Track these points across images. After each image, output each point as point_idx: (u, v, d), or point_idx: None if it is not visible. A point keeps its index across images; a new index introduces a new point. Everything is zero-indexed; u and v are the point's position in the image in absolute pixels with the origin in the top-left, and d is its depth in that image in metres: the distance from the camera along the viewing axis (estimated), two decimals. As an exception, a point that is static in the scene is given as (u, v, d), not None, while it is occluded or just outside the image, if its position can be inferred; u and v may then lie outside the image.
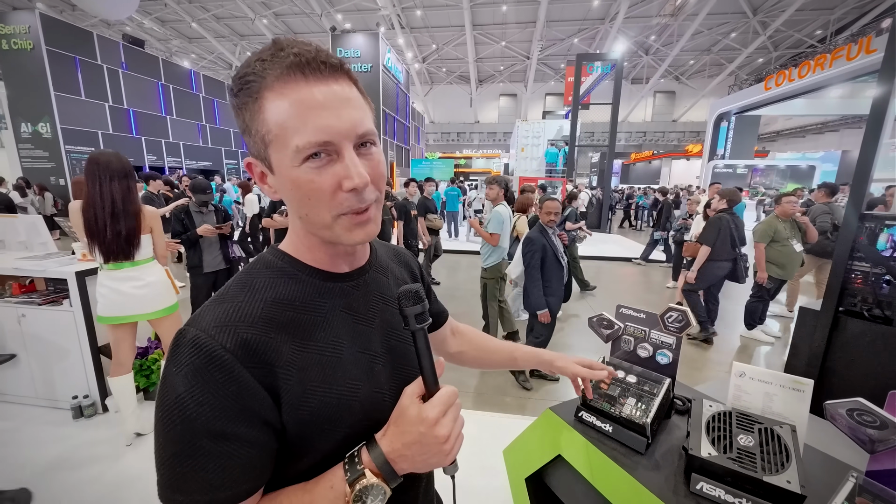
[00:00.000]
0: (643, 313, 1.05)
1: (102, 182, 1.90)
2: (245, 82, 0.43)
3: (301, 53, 0.42)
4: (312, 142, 0.42)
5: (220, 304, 0.46)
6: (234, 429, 0.41)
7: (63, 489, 1.89)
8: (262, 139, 0.44)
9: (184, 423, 0.40)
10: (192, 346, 0.42)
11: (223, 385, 0.41)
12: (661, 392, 0.91)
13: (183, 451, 0.41)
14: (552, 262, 2.75)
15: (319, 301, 0.50)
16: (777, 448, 0.73)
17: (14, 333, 2.40)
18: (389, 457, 0.45)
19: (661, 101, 25.61)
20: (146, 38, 16.75)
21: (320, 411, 0.46)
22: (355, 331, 0.52)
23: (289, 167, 0.44)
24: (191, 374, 0.41)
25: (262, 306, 0.46)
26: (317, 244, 0.52)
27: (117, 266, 2.01)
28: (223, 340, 0.42)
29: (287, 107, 0.42)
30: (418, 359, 0.49)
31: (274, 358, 0.44)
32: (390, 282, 0.61)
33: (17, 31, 8.69)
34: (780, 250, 3.73)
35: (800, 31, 17.04)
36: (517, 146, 14.98)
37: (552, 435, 1.03)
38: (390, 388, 0.53)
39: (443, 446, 0.46)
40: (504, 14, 16.92)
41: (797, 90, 11.34)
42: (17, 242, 2.81)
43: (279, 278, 0.50)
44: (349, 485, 0.43)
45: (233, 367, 0.41)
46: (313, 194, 0.44)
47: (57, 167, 9.30)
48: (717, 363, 3.51)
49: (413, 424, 0.45)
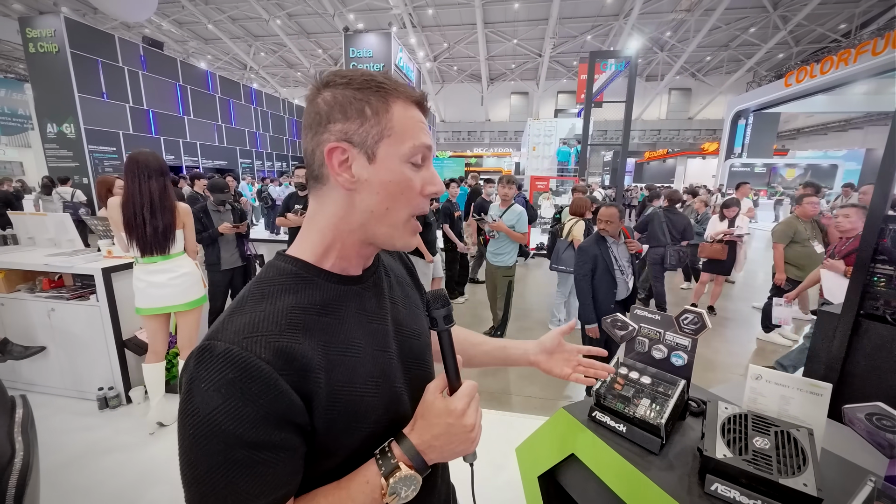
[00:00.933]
0: (658, 315, 1.05)
1: (141, 180, 1.99)
2: (378, 84, 0.49)
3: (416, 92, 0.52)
4: (423, 143, 0.50)
5: (242, 314, 0.46)
6: (270, 437, 0.42)
7: (91, 476, 1.97)
8: (380, 132, 0.48)
9: (218, 437, 0.40)
10: (225, 360, 0.41)
11: (259, 396, 0.41)
12: (676, 393, 0.91)
13: (218, 465, 0.40)
14: (602, 275, 2.60)
15: (336, 304, 0.52)
16: (794, 451, 0.73)
17: (44, 327, 2.51)
18: (420, 448, 0.49)
19: (676, 99, 25.10)
20: (164, 40, 17.14)
21: (346, 410, 0.48)
22: (370, 330, 0.54)
23: (396, 161, 0.49)
24: (224, 387, 0.40)
25: (285, 313, 0.47)
26: (354, 244, 0.53)
27: (151, 260, 2.11)
28: (258, 350, 0.42)
29: (410, 117, 0.50)
30: (444, 357, 0.53)
31: (305, 363, 0.45)
32: (393, 281, 0.63)
33: (44, 34, 8.99)
34: (801, 251, 3.64)
35: (822, 26, 16.48)
36: (528, 145, 14.89)
37: (565, 434, 1.04)
38: (405, 384, 0.56)
39: (469, 434, 0.50)
40: (516, 11, 16.79)
41: (819, 86, 11.02)
42: (46, 239, 2.93)
43: (296, 284, 0.50)
44: (384, 478, 0.46)
45: (270, 376, 0.42)
46: (407, 190, 0.50)
47: (80, 166, 9.60)
48: (732, 365, 3.46)
49: (440, 416, 0.49)
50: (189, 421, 0.41)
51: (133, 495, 1.86)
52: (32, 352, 2.44)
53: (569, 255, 3.73)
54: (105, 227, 2.80)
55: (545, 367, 0.80)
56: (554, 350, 0.80)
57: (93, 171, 9.54)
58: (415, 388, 0.56)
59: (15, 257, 2.58)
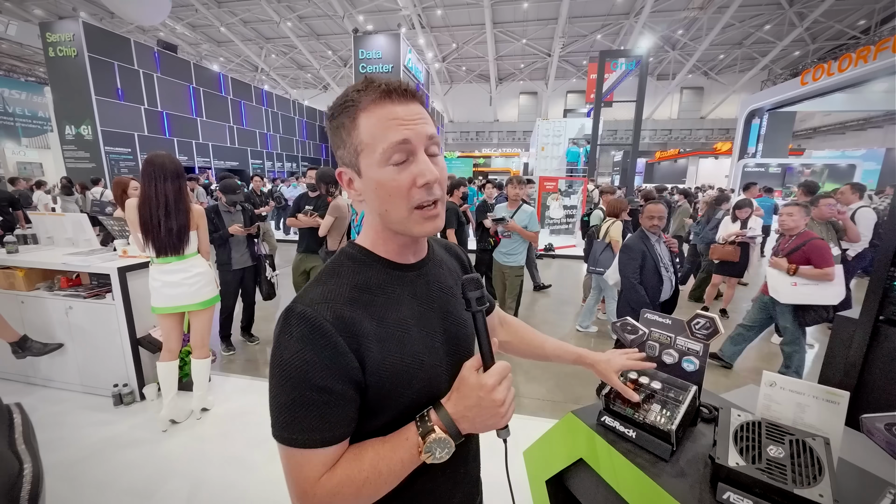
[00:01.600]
0: (669, 319, 1.04)
1: (157, 182, 2.03)
2: (345, 107, 0.55)
3: (389, 83, 0.55)
4: (394, 142, 0.53)
5: (318, 286, 0.57)
6: (332, 384, 0.52)
7: (106, 471, 2.02)
8: (355, 150, 0.56)
9: (295, 377, 0.51)
10: (301, 318, 0.52)
11: (324, 348, 0.51)
12: (687, 399, 0.90)
13: (293, 400, 0.52)
14: (650, 272, 2.59)
15: (391, 287, 0.61)
16: (809, 461, 0.71)
17: (62, 324, 2.58)
18: (454, 417, 0.55)
19: (688, 98, 24.72)
20: (178, 43, 17.46)
21: (393, 376, 0.56)
22: (419, 313, 0.62)
23: (375, 170, 0.54)
24: (300, 339, 0.51)
25: (349, 288, 0.57)
26: (390, 237, 0.61)
27: (166, 260, 2.15)
28: (324, 314, 0.53)
29: (376, 121, 0.54)
30: (477, 336, 0.58)
31: (359, 330, 0.54)
32: (445, 273, 0.70)
33: (63, 38, 9.23)
34: None
35: (840, 22, 16.07)
36: (537, 145, 14.81)
37: (574, 438, 1.04)
38: (446, 363, 0.63)
39: (499, 409, 0.55)
40: (525, 11, 16.72)
41: (837, 84, 10.73)
42: (64, 239, 3.01)
43: (359, 267, 0.60)
44: (421, 437, 0.54)
45: (332, 335, 0.52)
46: (394, 190, 0.54)
47: (97, 167, 9.82)
48: (743, 370, 3.39)
49: (473, 390, 0.55)
50: (274, 362, 0.53)
51: (147, 491, 1.90)
52: (51, 348, 2.50)
53: (606, 256, 3.70)
54: (121, 226, 2.86)
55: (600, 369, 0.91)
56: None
57: (109, 172, 9.76)
58: (456, 368, 0.60)
59: (34, 256, 2.65)
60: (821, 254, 2.70)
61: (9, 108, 15.14)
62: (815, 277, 2.70)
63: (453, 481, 0.69)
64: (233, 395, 2.71)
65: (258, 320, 3.84)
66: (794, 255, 2.80)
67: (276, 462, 2.12)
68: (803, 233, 2.86)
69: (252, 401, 2.66)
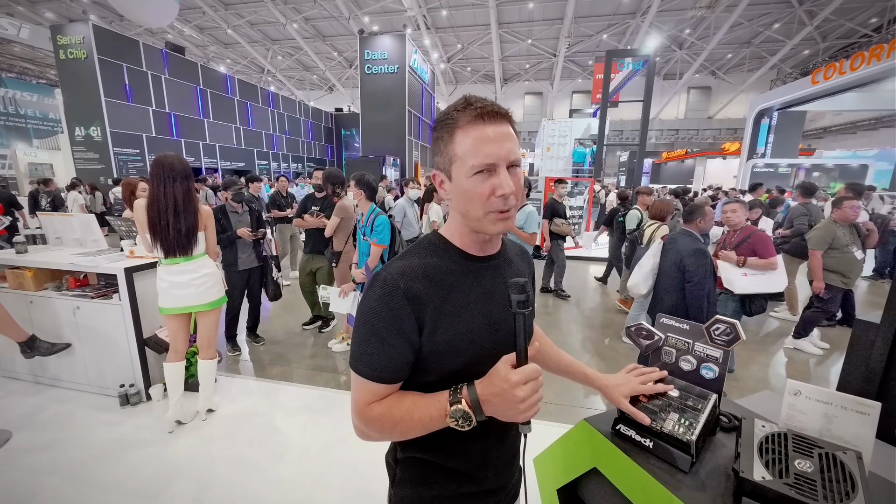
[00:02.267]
0: (686, 324, 1.00)
1: (167, 182, 2.03)
2: (446, 123, 0.67)
3: (483, 106, 0.65)
4: (483, 163, 0.63)
5: (400, 260, 0.70)
6: (392, 337, 0.65)
7: (113, 472, 2.01)
8: (449, 159, 0.67)
9: (368, 323, 0.66)
10: (384, 282, 0.66)
11: (394, 309, 0.65)
12: (707, 408, 0.86)
13: (363, 339, 0.67)
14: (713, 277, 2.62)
15: (459, 272, 0.71)
16: (840, 476, 0.67)
17: (70, 324, 2.59)
18: (480, 397, 0.64)
19: (695, 98, 24.48)
20: (186, 45, 17.64)
21: (443, 345, 0.67)
22: (480, 299, 0.72)
23: (464, 178, 0.65)
24: (378, 297, 0.66)
25: (423, 267, 0.69)
26: (467, 232, 0.72)
27: (174, 261, 2.15)
28: (399, 282, 0.65)
29: (469, 139, 0.64)
30: (515, 336, 0.63)
31: (424, 301, 0.66)
32: (512, 270, 0.79)
33: (73, 41, 9.35)
34: (840, 258, 3.44)
35: (852, 20, 15.82)
36: (543, 145, 14.75)
37: (587, 447, 1.00)
38: (493, 350, 0.69)
39: (518, 405, 0.61)
40: (531, 11, 16.66)
41: (849, 84, 10.56)
42: (72, 239, 3.03)
43: (436, 251, 0.72)
44: (450, 404, 0.64)
45: (401, 299, 0.65)
46: (476, 196, 0.65)
47: (106, 168, 9.94)
48: (759, 375, 3.33)
49: (499, 380, 0.62)
50: (359, 309, 0.68)
51: (153, 492, 1.89)
52: (59, 348, 2.51)
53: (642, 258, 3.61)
54: (129, 227, 2.87)
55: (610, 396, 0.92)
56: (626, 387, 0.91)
57: (117, 173, 9.86)
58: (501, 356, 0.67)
59: (43, 257, 2.67)
60: (764, 245, 2.93)
61: (21, 110, 15.38)
62: (762, 267, 2.90)
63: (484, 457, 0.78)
64: (238, 396, 2.70)
65: (264, 321, 3.84)
66: (740, 248, 3.00)
67: (281, 463, 2.11)
68: (746, 227, 3.09)
69: (258, 402, 2.66)
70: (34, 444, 2.20)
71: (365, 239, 2.89)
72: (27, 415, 2.44)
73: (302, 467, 2.07)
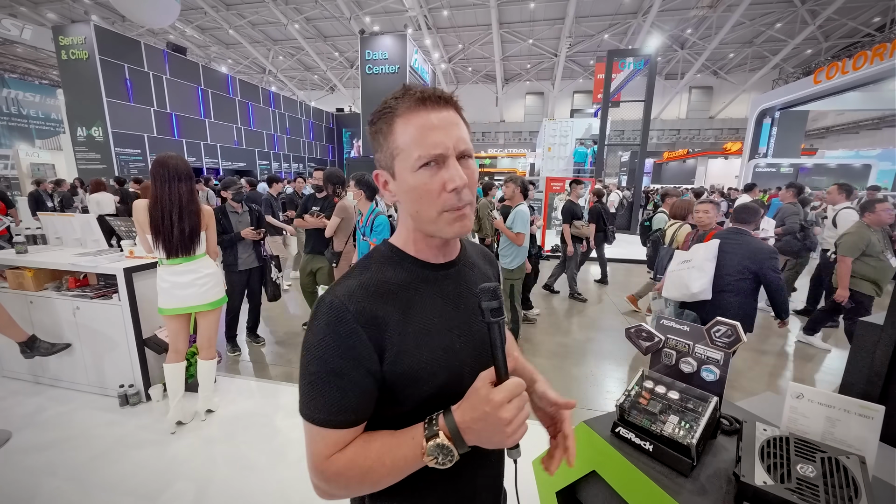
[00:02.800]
0: (687, 325, 0.99)
1: (171, 183, 2.02)
2: (383, 113, 0.59)
3: (424, 91, 0.58)
4: (429, 153, 0.56)
5: (349, 278, 0.61)
6: (347, 370, 0.55)
7: (113, 472, 2.01)
8: (391, 154, 0.59)
9: (316, 361, 0.56)
10: (329, 307, 0.57)
11: (345, 337, 0.55)
12: (708, 411, 0.85)
13: (314, 382, 0.56)
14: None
15: (417, 284, 0.63)
16: (844, 481, 0.66)
17: (70, 324, 2.59)
18: (460, 426, 0.54)
19: (697, 97, 24.39)
20: (188, 46, 17.68)
21: (410, 370, 0.59)
22: (444, 311, 0.64)
23: (409, 173, 0.57)
24: (325, 326, 0.56)
25: (376, 284, 0.60)
26: (420, 238, 0.64)
27: (176, 261, 2.15)
28: (349, 305, 0.56)
29: (411, 128, 0.57)
30: (492, 349, 0.55)
31: (381, 323, 0.57)
32: (476, 276, 0.72)
33: (75, 42, 9.37)
34: (876, 266, 3.17)
35: (854, 20, 15.75)
36: (544, 145, 14.73)
37: (586, 450, 0.99)
38: (470, 366, 0.63)
39: (505, 428, 0.52)
40: (532, 11, 16.64)
41: (852, 83, 10.51)
42: (73, 239, 3.03)
43: (389, 264, 0.64)
44: (426, 439, 0.54)
45: (353, 325, 0.56)
46: (425, 194, 0.57)
47: (108, 168, 9.96)
48: (760, 375, 3.31)
49: (481, 403, 0.53)
50: (303, 344, 0.58)
51: (153, 492, 1.89)
52: (58, 348, 2.51)
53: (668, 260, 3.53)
54: (128, 227, 2.87)
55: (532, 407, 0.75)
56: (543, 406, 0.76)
57: (119, 173, 9.88)
58: (480, 372, 0.58)
59: (43, 257, 2.67)
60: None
61: (23, 111, 15.43)
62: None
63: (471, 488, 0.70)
64: (238, 397, 2.70)
65: (264, 320, 3.84)
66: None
67: (281, 464, 2.09)
68: (714, 228, 3.09)
69: (257, 402, 2.65)
70: (34, 444, 2.20)
71: (365, 239, 2.89)
72: (27, 415, 2.45)
73: (302, 467, 2.06)
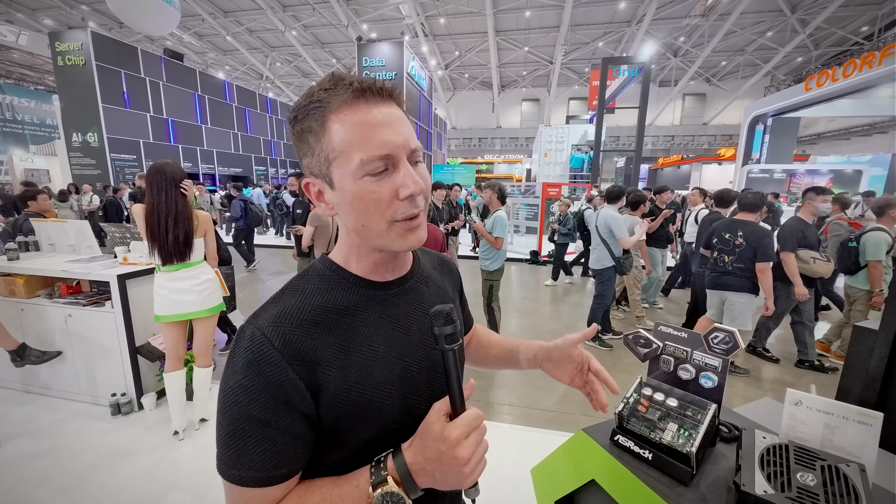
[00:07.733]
0: (685, 332, 0.99)
1: (168, 190, 2.01)
2: (310, 109, 0.48)
3: (362, 81, 0.48)
4: (376, 155, 0.47)
5: (275, 305, 0.51)
6: (276, 418, 0.46)
7: (105, 483, 1.97)
8: (326, 158, 0.49)
9: (236, 407, 0.46)
10: (249, 342, 0.47)
11: (270, 378, 0.46)
12: (707, 419, 0.85)
13: (234, 432, 0.46)
14: None
15: (361, 307, 0.54)
16: (844, 489, 0.66)
17: (61, 332, 2.55)
18: (412, 468, 0.47)
19: (690, 104, 24.72)
20: (185, 52, 17.70)
21: (354, 409, 0.50)
22: (393, 337, 0.55)
23: (351, 181, 0.48)
24: (245, 365, 0.46)
25: (309, 310, 0.51)
26: (365, 254, 0.55)
27: (173, 268, 2.13)
28: (273, 339, 0.47)
29: (351, 127, 0.47)
30: (446, 378, 0.49)
31: (315, 357, 0.48)
32: (431, 291, 0.63)
33: (72, 48, 9.37)
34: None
35: (843, 28, 16.06)
36: (540, 151, 14.84)
37: (585, 458, 0.98)
38: (426, 395, 0.56)
39: (462, 468, 0.46)
40: (528, 19, 16.84)
41: (842, 90, 10.67)
42: (66, 245, 3.00)
43: (326, 285, 0.54)
44: (372, 487, 0.46)
45: (279, 362, 0.46)
46: (372, 204, 0.48)
47: (103, 174, 9.91)
48: (757, 380, 3.31)
49: (435, 441, 0.46)
50: (221, 388, 0.48)
51: (148, 502, 1.85)
52: (49, 357, 2.48)
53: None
54: (122, 233, 2.85)
55: (553, 375, 0.75)
56: (562, 360, 0.72)
57: (114, 179, 9.83)
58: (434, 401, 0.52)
59: (35, 263, 2.63)
60: None
61: (18, 116, 15.36)
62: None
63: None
64: (232, 405, 2.66)
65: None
66: None
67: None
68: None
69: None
70: (25, 454, 2.15)
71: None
72: (17, 424, 2.40)
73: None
